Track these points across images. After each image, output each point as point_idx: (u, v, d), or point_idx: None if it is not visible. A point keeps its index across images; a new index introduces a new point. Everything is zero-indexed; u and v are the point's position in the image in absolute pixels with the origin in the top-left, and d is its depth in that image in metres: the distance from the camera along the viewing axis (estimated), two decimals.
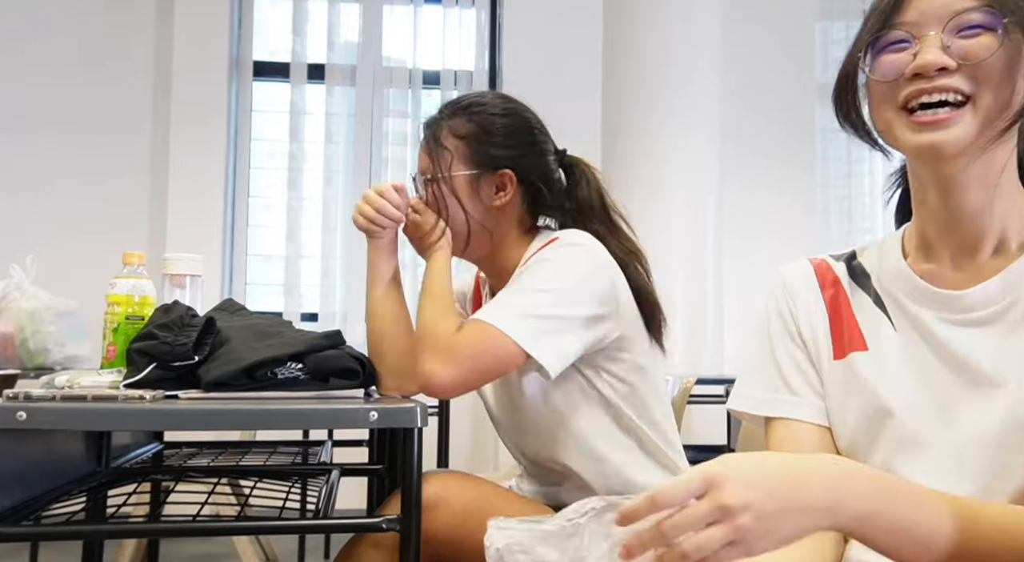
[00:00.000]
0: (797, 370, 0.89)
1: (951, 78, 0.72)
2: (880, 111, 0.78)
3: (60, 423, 0.97)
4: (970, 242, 0.79)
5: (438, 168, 1.36)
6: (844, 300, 0.89)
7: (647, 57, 3.49)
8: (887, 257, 0.87)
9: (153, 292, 1.29)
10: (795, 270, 0.94)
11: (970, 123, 0.72)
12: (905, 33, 0.75)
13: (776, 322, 0.92)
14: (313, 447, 1.97)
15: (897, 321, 0.84)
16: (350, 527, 1.25)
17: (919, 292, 0.82)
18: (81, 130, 3.90)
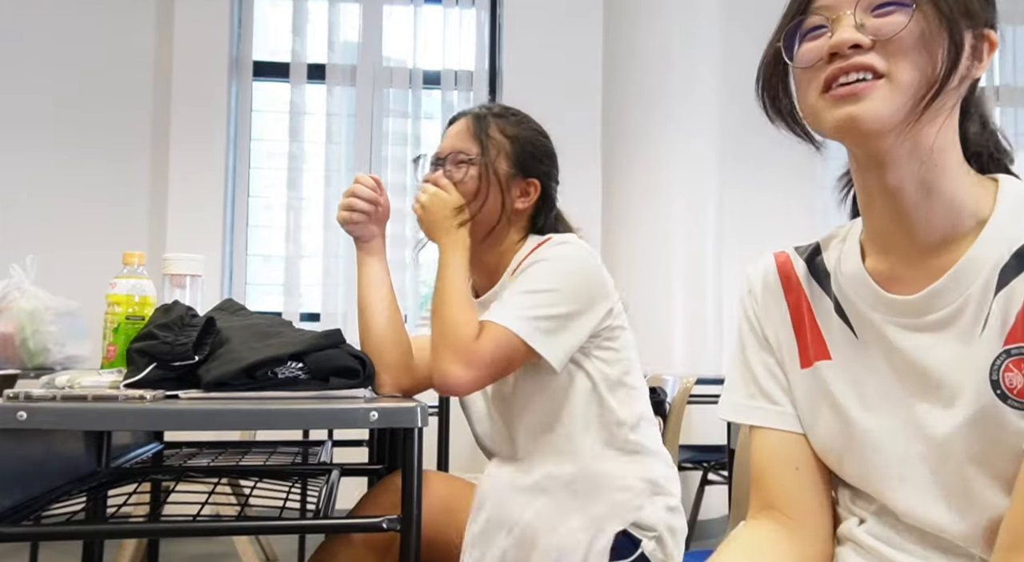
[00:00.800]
0: (771, 376, 0.90)
1: (866, 55, 0.72)
2: (804, 98, 0.77)
3: (60, 423, 0.97)
4: (918, 232, 0.77)
5: (486, 154, 1.40)
6: (806, 306, 0.88)
7: (647, 58, 3.49)
8: (847, 256, 0.85)
9: (153, 292, 1.29)
10: (759, 271, 0.94)
11: (887, 97, 0.71)
12: (822, 18, 0.75)
13: (746, 327, 0.93)
14: (313, 447, 1.97)
15: (858, 328, 0.83)
16: (350, 527, 1.25)
17: (875, 298, 0.80)
18: (81, 130, 3.90)
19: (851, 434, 0.82)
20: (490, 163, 1.39)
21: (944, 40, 0.72)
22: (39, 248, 1.96)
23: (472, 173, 1.39)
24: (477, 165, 1.39)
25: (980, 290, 0.73)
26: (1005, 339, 0.71)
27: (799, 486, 0.86)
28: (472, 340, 1.23)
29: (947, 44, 0.72)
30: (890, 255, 0.80)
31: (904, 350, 0.78)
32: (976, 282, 0.74)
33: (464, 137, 1.42)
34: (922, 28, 0.71)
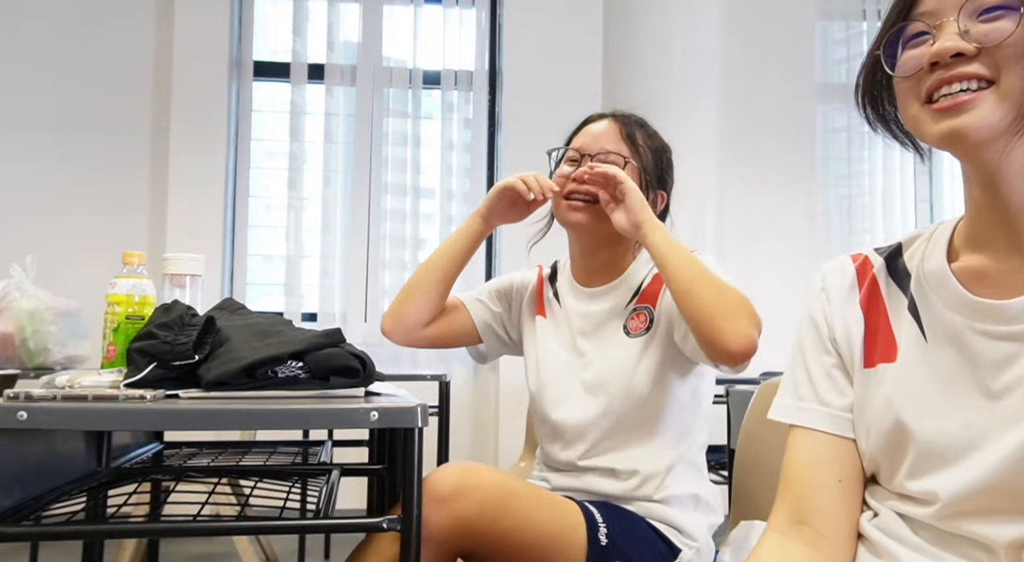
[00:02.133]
0: (828, 379, 0.86)
1: (970, 65, 0.69)
2: (906, 108, 0.75)
3: (60, 423, 0.97)
4: (1020, 240, 0.73)
5: (639, 158, 1.44)
6: (881, 305, 0.84)
7: (647, 57, 3.49)
8: (931, 255, 0.81)
9: (153, 292, 1.29)
10: (835, 270, 0.89)
11: (994, 106, 0.68)
12: (924, 25, 0.72)
13: (809, 328, 0.89)
14: (313, 447, 1.97)
15: (929, 330, 0.79)
16: (350, 527, 1.25)
17: (957, 299, 0.76)
18: (81, 130, 3.90)
19: (901, 441, 0.78)
20: (645, 166, 1.44)
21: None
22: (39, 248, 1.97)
23: (632, 169, 1.42)
24: (629, 166, 1.42)
25: None
26: None
27: (839, 502, 0.82)
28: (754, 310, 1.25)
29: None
30: (986, 255, 0.76)
31: (981, 356, 0.74)
32: None
33: (614, 138, 1.44)
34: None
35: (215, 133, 3.92)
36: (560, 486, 1.42)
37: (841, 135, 4.28)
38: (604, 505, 1.34)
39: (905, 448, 0.78)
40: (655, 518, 1.35)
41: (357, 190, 4.00)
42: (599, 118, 1.48)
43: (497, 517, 1.20)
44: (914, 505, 0.78)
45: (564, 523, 1.27)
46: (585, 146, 1.44)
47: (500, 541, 1.22)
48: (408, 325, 1.49)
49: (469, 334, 1.57)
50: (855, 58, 4.33)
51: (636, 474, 1.36)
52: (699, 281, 1.25)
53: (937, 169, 4.28)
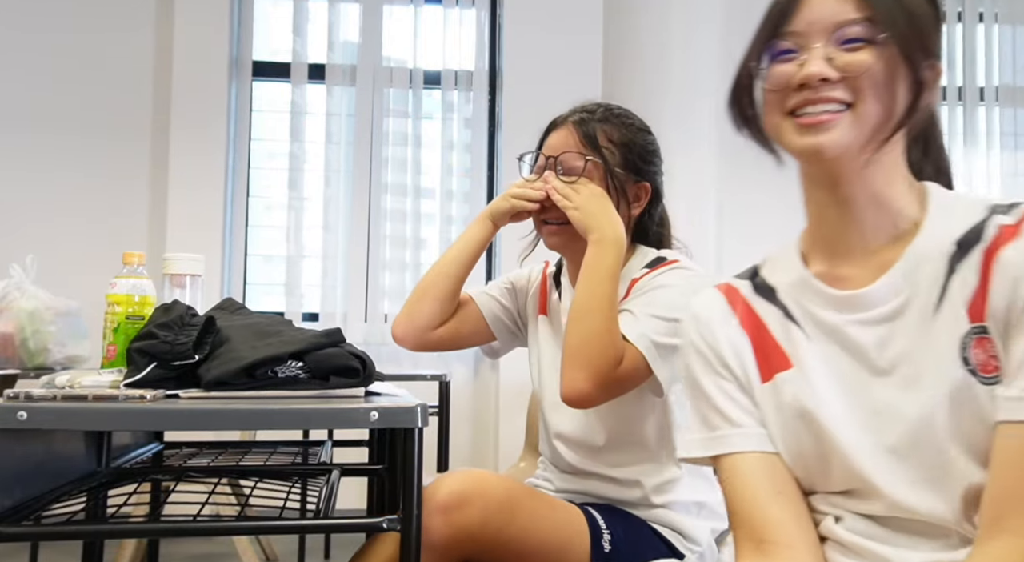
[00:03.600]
0: (731, 401, 0.89)
1: (833, 89, 0.77)
2: (771, 116, 0.83)
3: (60, 423, 0.97)
4: (867, 236, 0.82)
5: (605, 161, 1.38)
6: (759, 322, 0.90)
7: (647, 57, 3.49)
8: (788, 268, 0.89)
9: (153, 292, 1.29)
10: (705, 302, 0.95)
11: (850, 127, 0.77)
12: (793, 43, 0.80)
13: (697, 360, 0.92)
14: (313, 447, 1.97)
15: (809, 330, 0.85)
16: (350, 527, 1.25)
17: (824, 297, 0.84)
18: (81, 130, 3.90)
19: (823, 437, 0.82)
20: (612, 165, 1.38)
21: (906, 77, 0.77)
22: (39, 248, 1.97)
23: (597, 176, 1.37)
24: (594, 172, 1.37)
25: (929, 278, 0.78)
26: (967, 320, 0.76)
27: (786, 510, 0.84)
28: (616, 364, 1.22)
29: (910, 82, 0.77)
30: (836, 258, 0.84)
31: (859, 343, 0.81)
32: (924, 271, 0.79)
33: (573, 145, 1.39)
34: (887, 66, 0.76)
35: (215, 133, 3.92)
36: (563, 488, 1.42)
37: None
38: (608, 509, 1.34)
39: (825, 447, 0.82)
40: (658, 523, 1.34)
41: (357, 190, 4.00)
42: (561, 124, 1.43)
43: (500, 527, 1.19)
44: (862, 501, 0.82)
45: (568, 531, 1.27)
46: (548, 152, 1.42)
47: (503, 550, 1.22)
48: (421, 328, 1.48)
49: (480, 331, 1.55)
50: None
51: (638, 484, 1.36)
52: (578, 317, 1.27)
53: None
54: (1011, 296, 0.73)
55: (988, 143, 4.27)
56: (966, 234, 0.78)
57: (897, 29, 0.77)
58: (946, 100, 4.29)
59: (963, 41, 4.31)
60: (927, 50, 0.79)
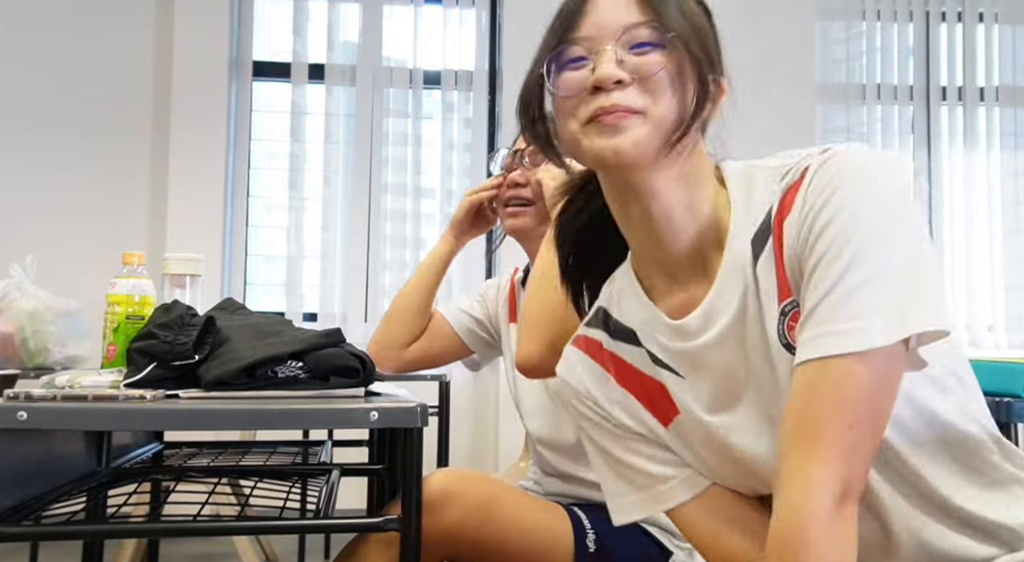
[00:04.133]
0: (646, 459, 0.88)
1: (625, 92, 0.76)
2: (566, 126, 0.81)
3: (60, 423, 0.97)
4: (685, 248, 0.81)
5: None
6: (634, 372, 0.89)
7: None
8: (634, 305, 0.87)
9: (153, 292, 1.29)
10: (572, 370, 0.93)
11: (643, 130, 0.76)
12: (583, 49, 0.79)
13: (594, 429, 0.92)
14: (313, 447, 1.97)
15: (676, 366, 0.85)
16: (350, 527, 1.25)
17: (671, 329, 0.83)
18: (81, 130, 3.90)
19: (737, 460, 0.83)
20: None
21: (693, 79, 0.78)
22: (39, 248, 1.96)
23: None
24: None
25: (751, 276, 0.78)
26: (778, 302, 0.76)
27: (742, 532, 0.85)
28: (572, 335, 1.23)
29: (696, 84, 0.78)
30: (670, 278, 0.84)
31: (718, 363, 0.81)
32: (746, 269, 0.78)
33: None
34: (676, 67, 0.77)
35: (215, 133, 3.92)
36: (552, 491, 1.42)
37: (840, 135, 4.28)
38: (595, 508, 1.33)
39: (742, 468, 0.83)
40: (646, 521, 1.33)
41: (357, 190, 4.00)
42: None
43: (479, 526, 1.20)
44: None
45: (550, 531, 1.26)
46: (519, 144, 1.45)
47: (483, 550, 1.22)
48: (393, 347, 1.52)
49: (454, 345, 1.56)
50: (855, 58, 4.33)
51: None
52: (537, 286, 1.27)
53: (937, 169, 4.28)
54: (796, 256, 0.74)
55: (988, 143, 4.27)
56: (764, 220, 0.78)
57: (683, 30, 0.77)
58: (946, 100, 4.29)
59: (963, 41, 4.31)
60: (711, 59, 0.80)
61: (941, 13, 4.31)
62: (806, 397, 0.70)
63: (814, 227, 0.72)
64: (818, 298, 0.70)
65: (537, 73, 0.82)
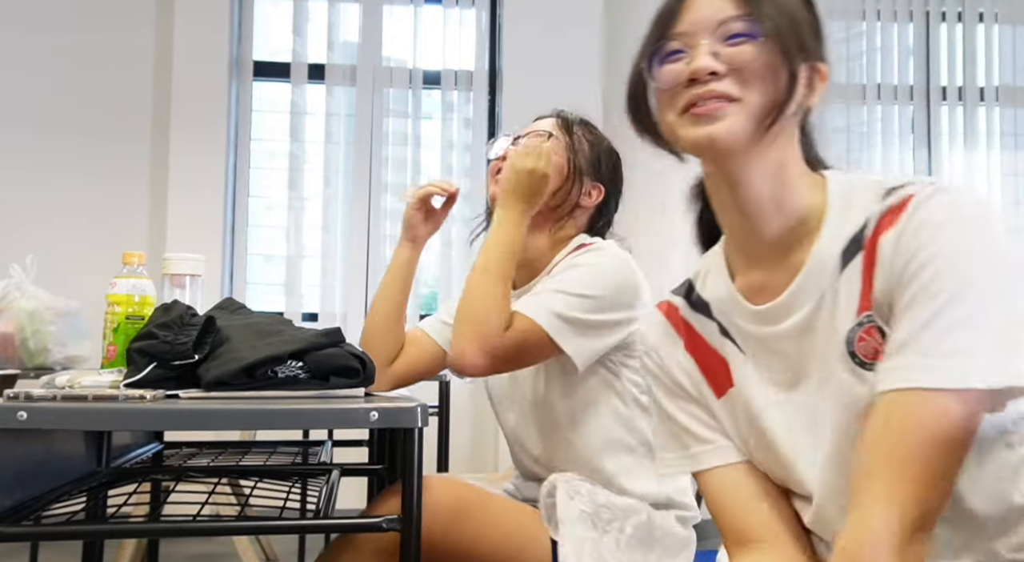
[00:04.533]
0: (695, 420, 0.93)
1: (721, 82, 0.80)
2: (664, 116, 0.86)
3: (60, 423, 0.97)
4: (772, 240, 0.85)
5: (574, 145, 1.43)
6: (701, 340, 0.94)
7: None
8: (717, 281, 0.92)
9: (153, 292, 1.29)
10: (650, 325, 0.99)
11: (739, 118, 0.80)
12: (680, 43, 0.83)
13: (656, 384, 0.97)
14: (313, 447, 1.97)
15: (742, 344, 0.89)
16: (350, 527, 1.25)
17: (746, 312, 0.87)
18: (81, 130, 3.90)
19: (770, 448, 0.87)
20: (578, 150, 1.42)
21: (784, 71, 0.81)
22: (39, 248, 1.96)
23: (558, 149, 1.41)
24: (558, 145, 1.41)
25: (831, 281, 0.82)
26: (855, 313, 0.79)
27: (767, 510, 0.88)
28: (500, 332, 1.24)
29: (787, 76, 0.81)
30: (753, 268, 0.88)
31: (785, 353, 0.85)
32: (827, 271, 0.82)
33: (550, 124, 1.46)
34: (768, 59, 0.81)
35: (215, 133, 3.92)
36: (529, 497, 1.41)
37: (841, 135, 4.28)
38: None
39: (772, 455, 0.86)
40: None
41: (357, 190, 4.00)
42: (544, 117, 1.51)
43: (448, 532, 1.20)
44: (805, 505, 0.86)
45: (523, 534, 1.26)
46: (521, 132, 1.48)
47: (456, 554, 1.22)
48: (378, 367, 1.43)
49: (438, 358, 1.53)
50: (855, 58, 4.33)
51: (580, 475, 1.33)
52: (469, 281, 1.29)
53: (937, 169, 4.28)
54: (889, 281, 0.77)
55: (988, 143, 4.27)
56: (859, 231, 0.81)
57: (776, 23, 0.81)
58: (946, 100, 4.29)
59: (963, 41, 4.31)
60: (804, 48, 0.83)
61: (941, 13, 4.32)
62: (896, 424, 0.72)
63: (917, 256, 0.75)
64: (915, 329, 0.73)
65: (639, 67, 0.87)
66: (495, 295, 1.27)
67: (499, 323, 1.24)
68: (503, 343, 1.24)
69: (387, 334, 1.46)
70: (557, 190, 1.40)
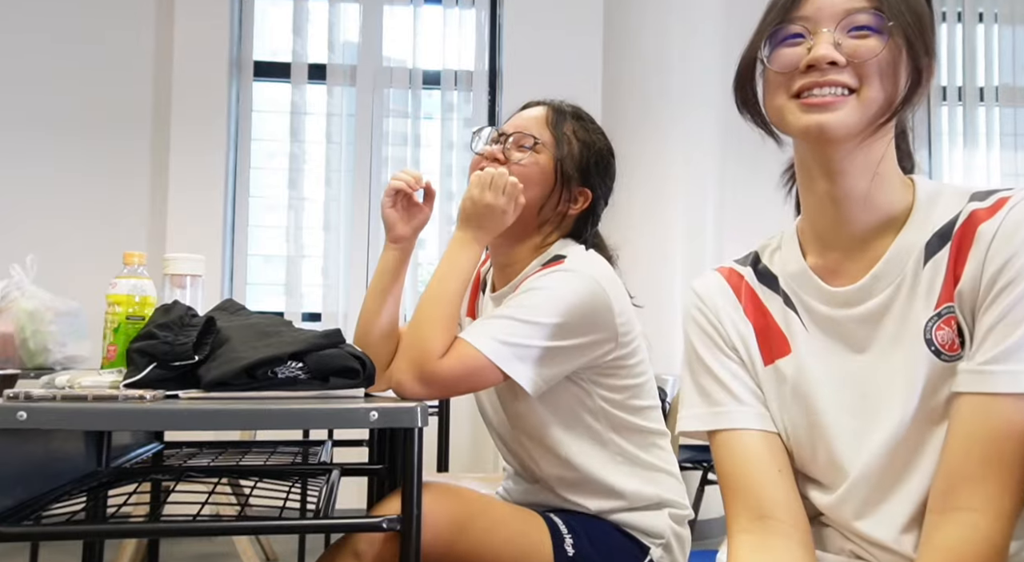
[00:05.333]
0: (735, 379, 0.92)
1: (840, 73, 0.79)
2: (773, 98, 0.84)
3: (60, 423, 0.97)
4: (857, 232, 0.85)
5: (559, 147, 1.35)
6: (762, 307, 0.93)
7: (647, 57, 3.49)
8: (788, 257, 0.92)
9: (153, 292, 1.29)
10: (708, 283, 0.98)
11: (854, 110, 0.79)
12: (801, 27, 0.82)
13: (701, 338, 0.95)
14: (313, 447, 1.97)
15: (807, 320, 0.89)
16: (350, 527, 1.25)
17: (819, 291, 0.88)
18: (81, 130, 3.90)
19: (814, 422, 0.86)
20: (566, 155, 1.35)
21: (907, 67, 0.80)
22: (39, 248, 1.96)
23: (536, 160, 1.34)
24: (544, 154, 1.34)
25: (911, 271, 0.82)
26: (935, 305, 0.80)
27: (787, 490, 0.88)
28: (435, 359, 1.19)
29: (911, 71, 0.80)
30: (830, 252, 0.87)
31: (852, 337, 0.86)
32: (907, 265, 0.82)
33: (539, 123, 1.37)
34: (892, 54, 0.79)
35: (215, 133, 3.92)
36: (521, 500, 1.40)
37: None
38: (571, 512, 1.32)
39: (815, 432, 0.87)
40: (623, 522, 1.32)
41: (357, 190, 4.00)
42: (535, 105, 1.42)
43: (452, 541, 1.18)
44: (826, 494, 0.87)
45: (526, 541, 1.25)
46: (509, 127, 1.39)
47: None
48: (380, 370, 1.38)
49: None
50: None
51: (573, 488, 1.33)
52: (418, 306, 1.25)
53: (937, 169, 4.28)
54: (980, 271, 0.77)
55: (988, 143, 4.27)
56: (945, 225, 0.82)
57: (903, 19, 0.79)
58: (946, 100, 4.29)
59: (963, 41, 4.31)
60: (927, 45, 0.81)
61: (942, 13, 4.32)
62: (1002, 427, 0.74)
63: (1013, 263, 0.75)
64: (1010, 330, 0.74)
65: (755, 46, 0.86)
66: (435, 319, 1.22)
67: (436, 350, 1.20)
68: (439, 369, 1.19)
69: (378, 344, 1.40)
70: (541, 203, 1.34)
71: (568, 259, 1.30)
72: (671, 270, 3.45)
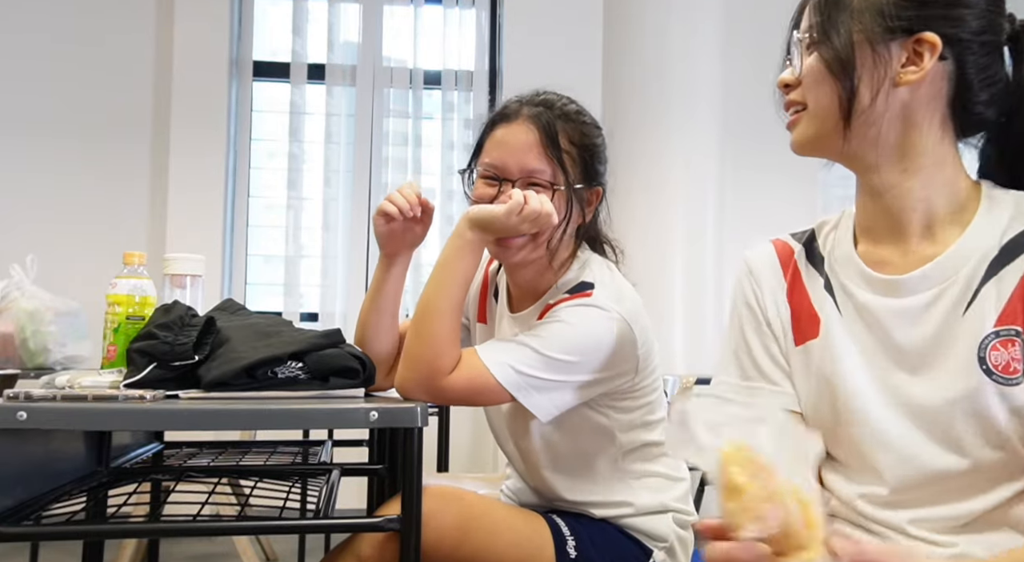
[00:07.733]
0: (770, 358, 0.95)
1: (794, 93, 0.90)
2: None
3: (60, 423, 0.97)
4: (900, 226, 0.86)
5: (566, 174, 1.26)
6: (803, 288, 0.95)
7: (647, 57, 3.49)
8: (840, 241, 0.94)
9: (153, 292, 1.29)
10: (760, 255, 1.00)
11: (806, 124, 0.88)
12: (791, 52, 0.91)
13: (745, 311, 0.98)
14: (313, 447, 1.97)
15: (843, 306, 0.90)
16: (350, 527, 1.25)
17: (863, 277, 0.89)
18: (81, 130, 3.90)
19: (838, 407, 0.88)
20: (571, 180, 1.26)
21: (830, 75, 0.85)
22: (39, 248, 1.97)
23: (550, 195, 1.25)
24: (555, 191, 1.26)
25: (967, 277, 0.82)
26: (996, 322, 0.79)
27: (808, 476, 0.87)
28: (444, 376, 1.17)
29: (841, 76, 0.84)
30: (880, 243, 0.89)
31: (889, 327, 0.86)
32: (964, 269, 0.82)
33: (536, 152, 1.26)
34: (822, 65, 0.85)
35: (215, 133, 3.92)
36: (526, 502, 1.40)
37: None
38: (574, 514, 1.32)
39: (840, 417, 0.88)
40: (623, 526, 1.32)
41: (357, 190, 4.00)
42: (513, 117, 1.29)
43: (455, 546, 1.17)
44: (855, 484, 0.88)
45: (529, 543, 1.25)
46: (504, 165, 1.30)
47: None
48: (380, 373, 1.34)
49: None
50: None
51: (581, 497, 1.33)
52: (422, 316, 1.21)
53: None
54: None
55: None
56: (1015, 238, 0.81)
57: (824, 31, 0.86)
58: None
59: None
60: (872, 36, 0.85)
61: None
62: None
63: None
64: None
65: None
66: (443, 336, 1.19)
67: (446, 367, 1.17)
68: (448, 386, 1.18)
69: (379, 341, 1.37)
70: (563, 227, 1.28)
71: (596, 290, 1.25)
72: (671, 271, 3.45)
